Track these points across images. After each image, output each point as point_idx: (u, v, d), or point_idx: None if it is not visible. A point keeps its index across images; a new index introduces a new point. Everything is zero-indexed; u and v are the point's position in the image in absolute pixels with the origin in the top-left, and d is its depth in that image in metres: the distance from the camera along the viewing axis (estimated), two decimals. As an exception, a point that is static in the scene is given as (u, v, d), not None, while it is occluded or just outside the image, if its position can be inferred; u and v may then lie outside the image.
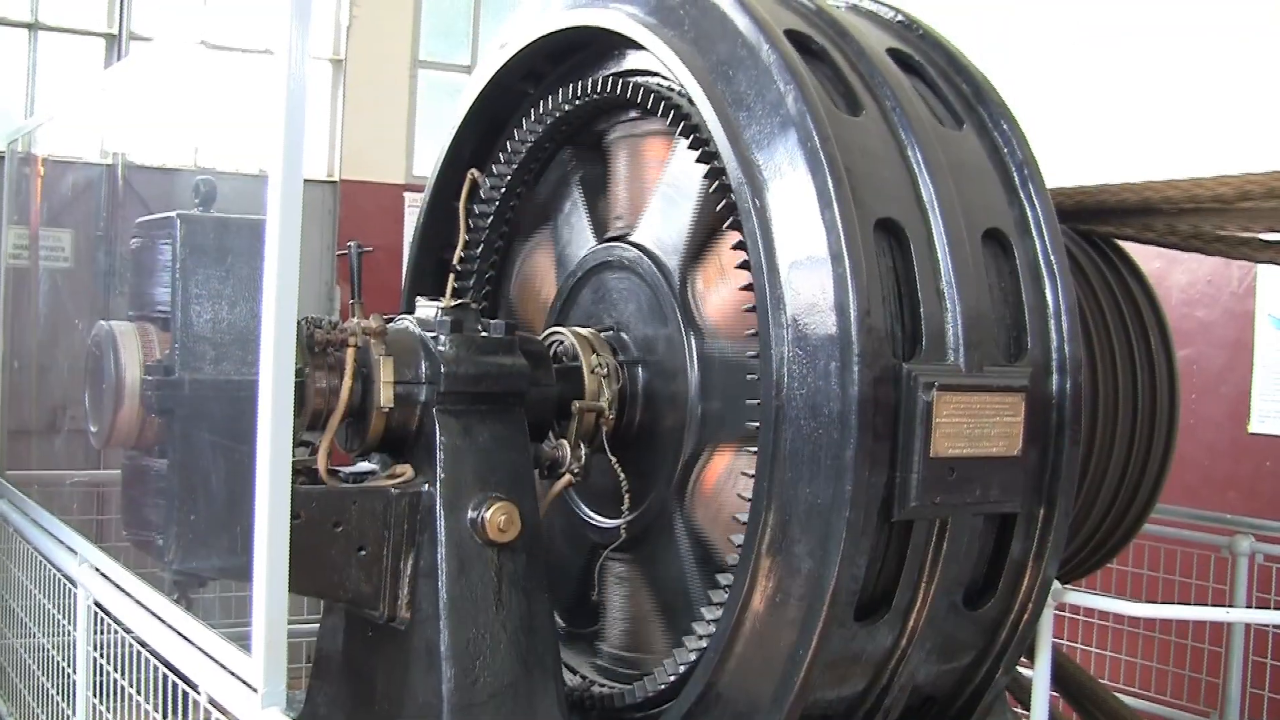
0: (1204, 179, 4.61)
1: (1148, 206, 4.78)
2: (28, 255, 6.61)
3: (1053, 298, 3.72)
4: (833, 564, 3.21)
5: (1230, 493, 8.42)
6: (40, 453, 6.19)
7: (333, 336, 3.62)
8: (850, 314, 3.19)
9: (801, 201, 3.33)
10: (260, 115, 2.90)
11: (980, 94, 3.97)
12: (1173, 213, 4.76)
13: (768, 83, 3.46)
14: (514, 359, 3.81)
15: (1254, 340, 8.50)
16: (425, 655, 3.55)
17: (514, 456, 3.75)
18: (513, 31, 4.63)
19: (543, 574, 3.77)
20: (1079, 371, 3.69)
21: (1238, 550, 6.75)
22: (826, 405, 3.23)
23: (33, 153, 6.69)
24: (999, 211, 3.74)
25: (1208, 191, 4.56)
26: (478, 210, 4.81)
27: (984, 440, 3.42)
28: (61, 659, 4.75)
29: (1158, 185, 4.75)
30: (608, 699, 3.97)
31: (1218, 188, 4.52)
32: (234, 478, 3.33)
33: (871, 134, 3.56)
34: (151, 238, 3.76)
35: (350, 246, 4.13)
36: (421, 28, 13.18)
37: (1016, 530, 3.68)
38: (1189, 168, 4.90)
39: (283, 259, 2.81)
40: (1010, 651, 3.85)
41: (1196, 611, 5.89)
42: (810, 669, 3.29)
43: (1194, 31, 8.82)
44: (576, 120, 4.57)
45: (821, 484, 3.23)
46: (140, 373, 3.60)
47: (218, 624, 3.40)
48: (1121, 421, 4.83)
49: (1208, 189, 4.55)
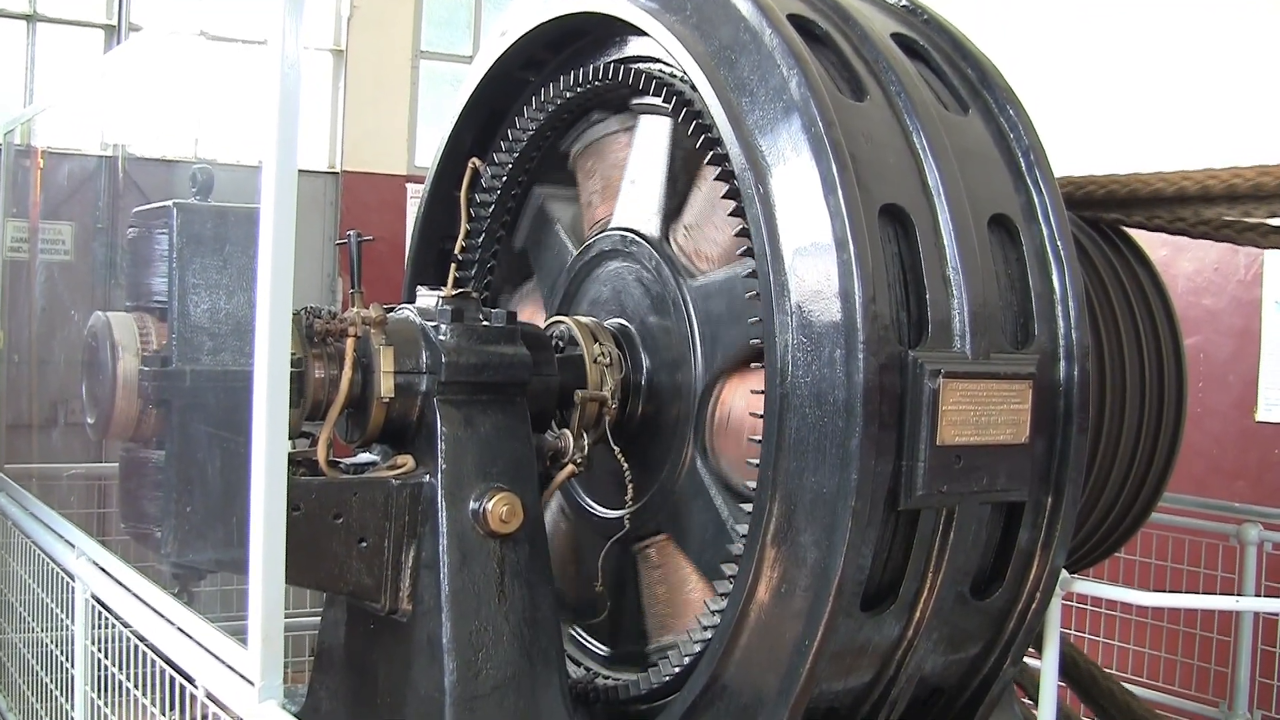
0: (1218, 170, 4.58)
1: (1159, 198, 4.75)
2: (27, 248, 6.58)
3: (1060, 284, 3.68)
4: (838, 554, 3.17)
5: (1238, 481, 8.39)
6: (39, 446, 6.16)
7: (332, 326, 3.60)
8: (855, 301, 3.16)
9: (805, 187, 3.29)
10: (256, 105, 2.88)
11: (986, 79, 3.93)
12: (1183, 202, 4.73)
13: (771, 68, 3.43)
14: (515, 348, 3.78)
15: (1261, 328, 8.47)
16: (427, 648, 3.53)
17: (516, 447, 3.72)
18: (513, 19, 4.60)
19: (546, 565, 3.74)
20: (1086, 358, 3.65)
21: (1246, 539, 6.73)
22: (832, 393, 3.19)
23: (32, 145, 6.66)
24: (1005, 197, 3.70)
25: (1220, 183, 4.53)
26: (479, 199, 4.78)
27: (991, 428, 3.38)
28: (60, 653, 4.73)
29: (1170, 176, 4.72)
30: (612, 691, 3.94)
31: (1231, 179, 4.49)
32: (231, 469, 3.30)
33: (876, 119, 3.52)
34: (148, 227, 3.72)
35: (350, 235, 4.10)
36: (423, 18, 13.15)
37: (1024, 519, 3.65)
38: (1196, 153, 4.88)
39: (277, 247, 2.79)
40: (1018, 642, 3.82)
41: (1205, 600, 5.88)
42: (816, 660, 3.26)
43: (1202, 18, 8.78)
44: (577, 109, 4.54)
45: (827, 473, 3.20)
46: (137, 364, 3.56)
47: (216, 618, 3.37)
48: (1129, 409, 4.80)
49: (1221, 180, 4.51)
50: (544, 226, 4.81)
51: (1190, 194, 4.67)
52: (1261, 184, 4.43)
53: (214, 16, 4.92)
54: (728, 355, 3.84)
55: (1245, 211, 4.73)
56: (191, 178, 3.81)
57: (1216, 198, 4.62)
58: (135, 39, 10.81)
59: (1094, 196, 4.93)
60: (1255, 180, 4.45)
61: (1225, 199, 4.62)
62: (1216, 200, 4.64)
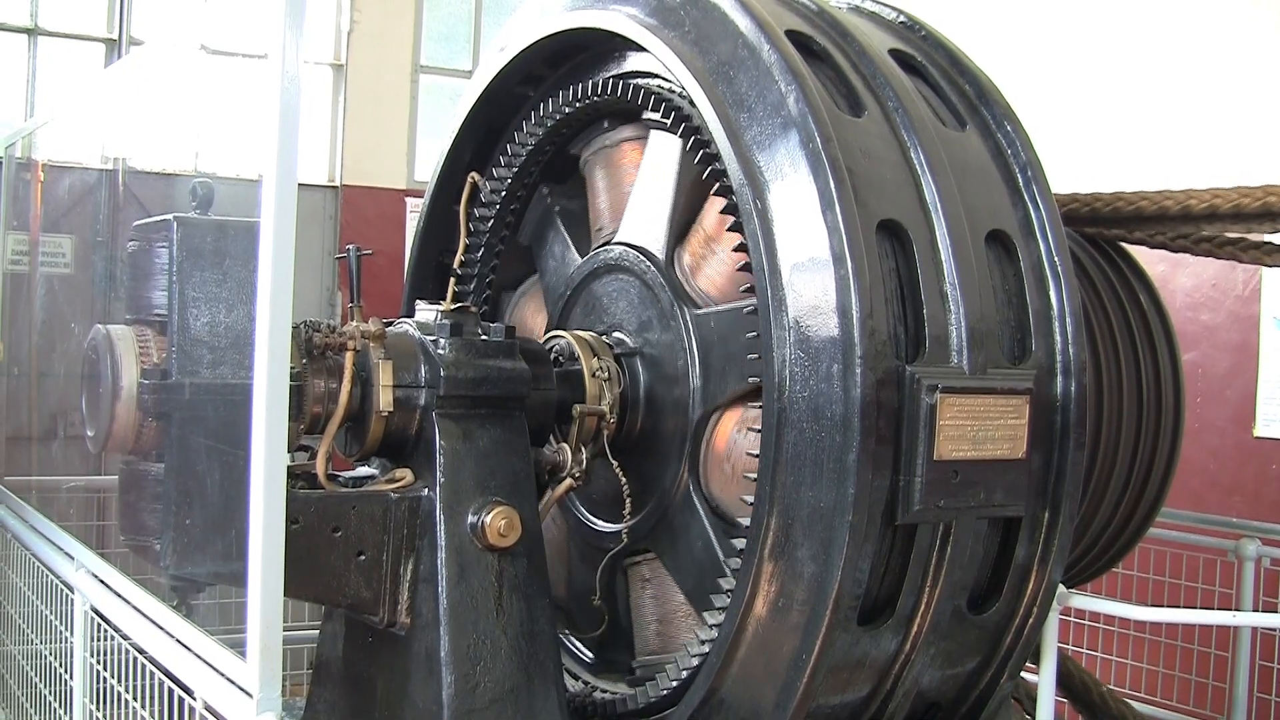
0: (1223, 189, 4.59)
1: (1165, 216, 4.76)
2: (27, 261, 6.58)
3: (1057, 300, 3.69)
4: (836, 568, 3.18)
5: (1235, 497, 8.39)
6: (39, 458, 6.16)
7: (331, 340, 3.60)
8: (853, 316, 3.17)
9: (803, 203, 3.31)
10: (256, 119, 2.90)
11: (984, 95, 3.95)
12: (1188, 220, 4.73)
13: (769, 84, 3.44)
14: (514, 362, 3.78)
15: (1259, 344, 8.47)
16: (425, 661, 3.53)
17: (514, 461, 3.72)
18: (512, 35, 4.61)
19: (544, 579, 3.74)
20: (1084, 374, 3.66)
21: (1244, 554, 6.72)
22: (829, 408, 3.20)
23: (33, 158, 6.67)
24: (1003, 213, 3.71)
25: (1227, 203, 4.54)
26: (478, 214, 4.79)
27: (988, 443, 3.39)
28: (59, 665, 4.73)
29: (1176, 195, 4.72)
30: (609, 705, 3.94)
31: (1238, 198, 4.49)
32: (231, 482, 3.30)
33: (874, 135, 3.53)
34: (148, 241, 3.72)
35: (349, 250, 4.11)
36: (423, 32, 13.18)
37: (1021, 534, 3.65)
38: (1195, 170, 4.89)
39: (277, 261, 2.80)
40: (1015, 656, 3.82)
41: (1203, 615, 5.88)
42: (813, 674, 3.27)
43: (1201, 34, 8.80)
44: (576, 124, 4.55)
45: (824, 488, 3.20)
46: (137, 376, 3.57)
47: (215, 630, 3.37)
48: (1126, 424, 4.81)
49: (1227, 200, 4.52)
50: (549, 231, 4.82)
51: (1196, 212, 4.68)
52: (1269, 204, 4.44)
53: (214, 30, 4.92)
54: (726, 390, 3.86)
55: (1249, 229, 4.74)
56: (191, 191, 3.81)
57: (1223, 216, 4.63)
58: (136, 53, 10.84)
59: (1099, 213, 4.94)
60: (1263, 200, 4.46)
61: (1231, 218, 4.63)
62: (1222, 219, 4.65)
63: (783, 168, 3.38)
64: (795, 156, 3.35)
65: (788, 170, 3.37)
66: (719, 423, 3.92)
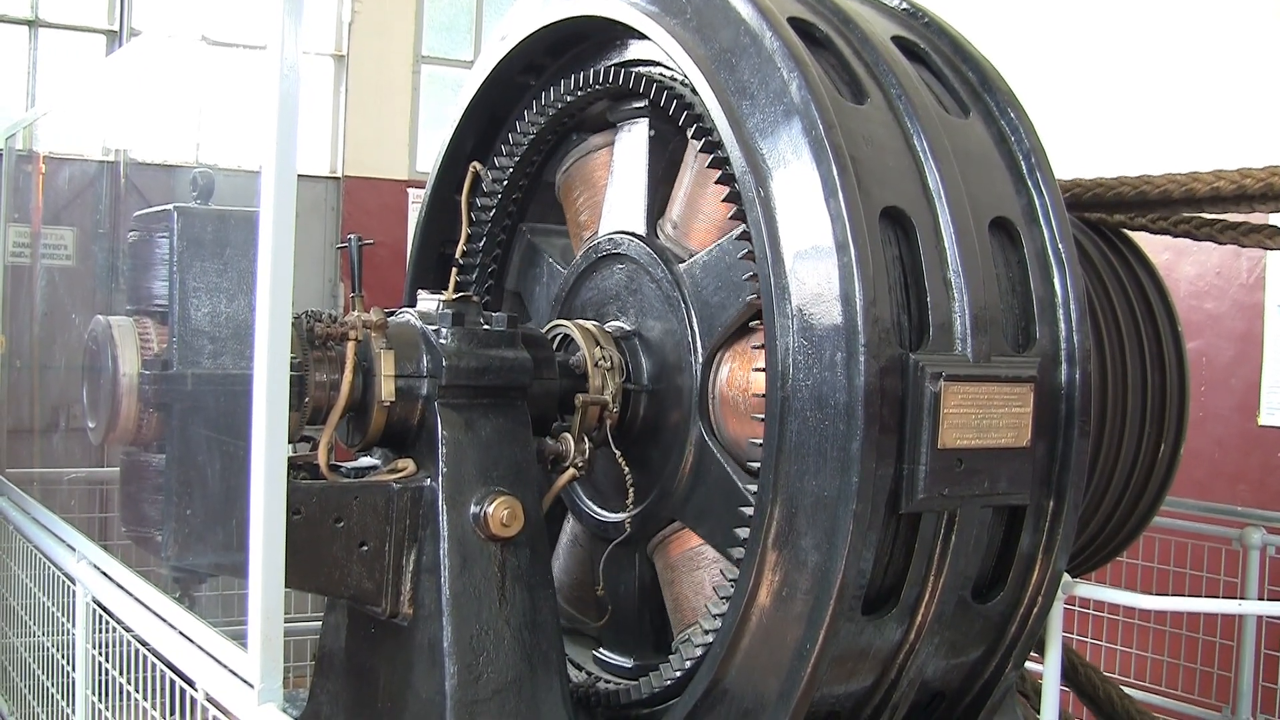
0: (1226, 171, 4.57)
1: (1168, 199, 4.74)
2: (29, 253, 6.58)
3: (1061, 287, 3.67)
4: (839, 557, 3.17)
5: (1240, 485, 8.38)
6: (40, 450, 6.17)
7: (333, 330, 3.60)
8: (856, 304, 3.15)
9: (806, 191, 3.29)
10: (256, 110, 2.89)
11: (987, 82, 3.93)
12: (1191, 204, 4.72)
13: (771, 71, 3.43)
14: (516, 352, 3.77)
15: (1263, 332, 8.46)
16: (428, 652, 3.52)
17: (517, 451, 3.71)
18: (513, 23, 4.60)
19: (547, 569, 3.74)
20: (1088, 361, 3.65)
21: (1249, 543, 6.72)
22: (833, 397, 3.19)
23: (34, 150, 6.66)
24: (1006, 200, 3.70)
25: (1230, 184, 4.52)
26: (479, 203, 4.78)
27: (992, 431, 3.38)
28: (61, 657, 4.73)
29: (1179, 177, 4.71)
30: (613, 695, 3.93)
31: (1241, 180, 4.48)
32: (232, 473, 3.29)
33: (876, 122, 3.52)
34: (149, 231, 3.71)
35: (350, 240, 4.10)
36: (424, 23, 13.17)
37: (1026, 523, 3.64)
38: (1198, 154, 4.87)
39: (277, 251, 2.79)
40: (1020, 646, 3.81)
41: (1208, 604, 5.87)
42: (817, 664, 3.25)
43: (1203, 20, 8.77)
44: (577, 111, 4.54)
45: (828, 476, 3.19)
46: (138, 367, 3.55)
47: (217, 621, 3.37)
48: (1131, 412, 4.79)
49: (1230, 181, 4.51)
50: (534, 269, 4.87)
51: (1199, 195, 4.66)
52: (1273, 184, 4.42)
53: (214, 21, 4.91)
54: (726, 322, 3.82)
55: (1253, 210, 4.72)
56: (192, 182, 3.80)
57: (1226, 198, 4.62)
58: (136, 44, 10.83)
59: (1102, 198, 4.92)
60: (1267, 180, 4.44)
61: (1234, 200, 4.61)
62: (1226, 201, 4.63)
63: (785, 155, 3.37)
64: (798, 144, 3.33)
65: (790, 158, 3.35)
66: (720, 368, 3.86)
